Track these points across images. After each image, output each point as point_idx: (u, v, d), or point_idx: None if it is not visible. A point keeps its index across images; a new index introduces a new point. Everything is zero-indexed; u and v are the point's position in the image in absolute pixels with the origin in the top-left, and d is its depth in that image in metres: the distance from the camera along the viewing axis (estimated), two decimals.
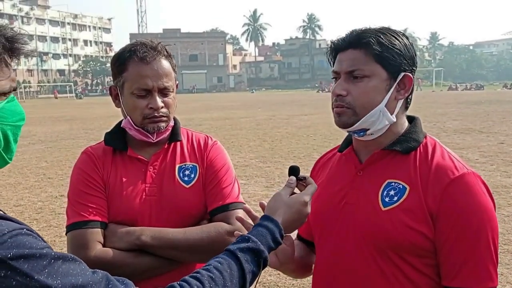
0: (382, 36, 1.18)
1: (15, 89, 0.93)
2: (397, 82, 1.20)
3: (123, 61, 1.45)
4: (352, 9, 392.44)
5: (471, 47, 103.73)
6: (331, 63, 1.26)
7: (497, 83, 71.72)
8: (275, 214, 1.10)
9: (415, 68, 1.24)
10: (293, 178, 1.19)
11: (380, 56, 1.17)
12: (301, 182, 1.21)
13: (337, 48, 1.23)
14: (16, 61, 0.92)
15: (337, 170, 1.35)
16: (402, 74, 1.20)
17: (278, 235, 1.06)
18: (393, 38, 1.20)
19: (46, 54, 76.01)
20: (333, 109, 1.24)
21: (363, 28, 1.23)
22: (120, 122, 1.54)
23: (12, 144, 0.93)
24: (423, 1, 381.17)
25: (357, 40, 1.19)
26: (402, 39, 1.21)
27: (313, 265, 1.51)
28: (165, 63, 1.46)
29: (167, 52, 1.49)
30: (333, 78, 1.26)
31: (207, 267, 0.96)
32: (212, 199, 1.51)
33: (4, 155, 0.92)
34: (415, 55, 1.24)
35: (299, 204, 1.13)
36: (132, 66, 1.43)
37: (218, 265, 0.96)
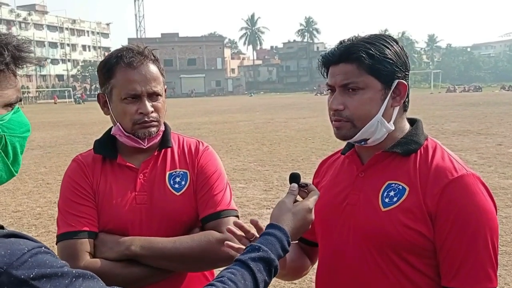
0: (372, 48, 1.19)
1: (20, 100, 0.91)
2: (391, 90, 1.21)
3: (110, 67, 1.43)
4: (350, 12, 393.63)
5: (468, 49, 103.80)
6: (324, 74, 1.28)
7: (495, 84, 71.81)
8: (282, 222, 1.10)
9: (407, 73, 1.25)
10: (295, 185, 1.19)
11: (372, 68, 1.18)
12: (303, 189, 1.21)
13: (328, 62, 1.25)
14: (21, 70, 0.90)
15: (340, 172, 1.37)
16: (396, 81, 1.21)
17: (286, 243, 1.07)
18: (383, 47, 1.20)
19: (45, 59, 75.90)
20: (331, 122, 1.26)
21: (351, 41, 1.23)
22: (110, 129, 1.52)
23: (19, 156, 0.92)
24: (421, 4, 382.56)
25: (348, 54, 1.19)
26: (392, 47, 1.22)
27: (306, 269, 1.52)
28: (152, 68, 1.45)
29: (154, 56, 1.48)
30: (328, 90, 1.27)
31: (221, 278, 0.94)
32: (203, 207, 1.48)
33: (11, 167, 0.91)
34: (407, 58, 1.25)
35: (304, 212, 1.13)
36: (119, 72, 1.42)
37: (232, 276, 0.95)
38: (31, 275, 0.71)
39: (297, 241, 1.50)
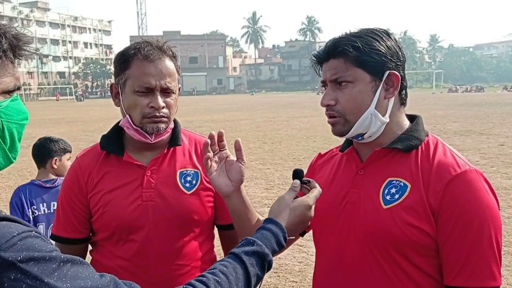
0: (358, 41, 1.17)
1: (19, 88, 0.92)
2: (383, 81, 1.19)
3: (127, 58, 1.42)
4: (352, 11, 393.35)
5: (471, 49, 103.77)
6: (319, 73, 1.27)
7: (497, 85, 71.80)
8: (279, 217, 1.10)
9: (400, 64, 1.22)
10: (297, 181, 1.18)
11: (359, 60, 1.17)
12: (305, 186, 1.20)
13: (319, 60, 1.25)
14: (19, 61, 0.91)
15: (338, 170, 1.35)
16: (387, 72, 1.19)
17: (282, 238, 1.07)
18: (371, 39, 1.19)
19: (46, 56, 75.92)
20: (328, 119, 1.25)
21: (339, 37, 1.23)
22: (117, 124, 1.51)
23: (17, 143, 0.93)
24: (423, 4, 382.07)
25: (334, 50, 1.20)
26: (382, 39, 1.20)
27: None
28: (169, 64, 1.44)
29: (172, 52, 1.47)
30: (322, 87, 1.27)
31: (212, 270, 0.95)
32: (224, 215, 1.53)
33: (9, 154, 0.91)
34: (400, 50, 1.23)
35: (303, 208, 1.13)
36: (136, 64, 1.41)
37: (224, 268, 0.95)
38: (19, 258, 0.72)
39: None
